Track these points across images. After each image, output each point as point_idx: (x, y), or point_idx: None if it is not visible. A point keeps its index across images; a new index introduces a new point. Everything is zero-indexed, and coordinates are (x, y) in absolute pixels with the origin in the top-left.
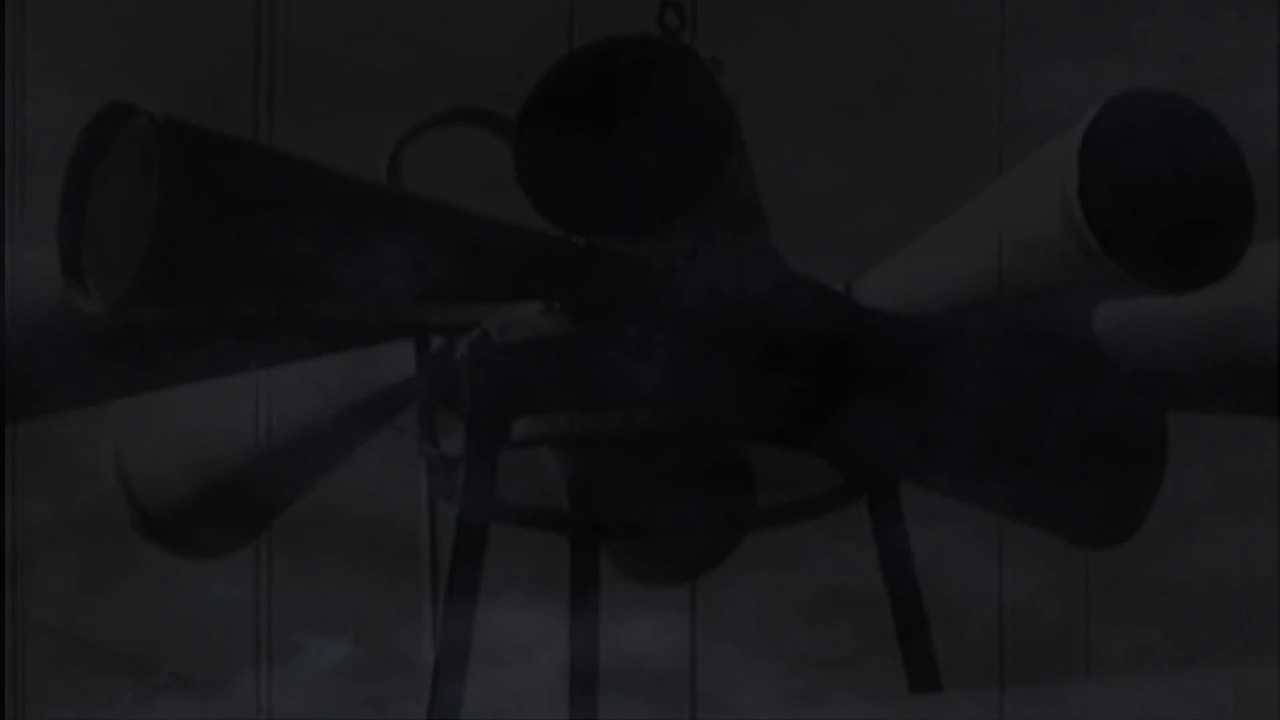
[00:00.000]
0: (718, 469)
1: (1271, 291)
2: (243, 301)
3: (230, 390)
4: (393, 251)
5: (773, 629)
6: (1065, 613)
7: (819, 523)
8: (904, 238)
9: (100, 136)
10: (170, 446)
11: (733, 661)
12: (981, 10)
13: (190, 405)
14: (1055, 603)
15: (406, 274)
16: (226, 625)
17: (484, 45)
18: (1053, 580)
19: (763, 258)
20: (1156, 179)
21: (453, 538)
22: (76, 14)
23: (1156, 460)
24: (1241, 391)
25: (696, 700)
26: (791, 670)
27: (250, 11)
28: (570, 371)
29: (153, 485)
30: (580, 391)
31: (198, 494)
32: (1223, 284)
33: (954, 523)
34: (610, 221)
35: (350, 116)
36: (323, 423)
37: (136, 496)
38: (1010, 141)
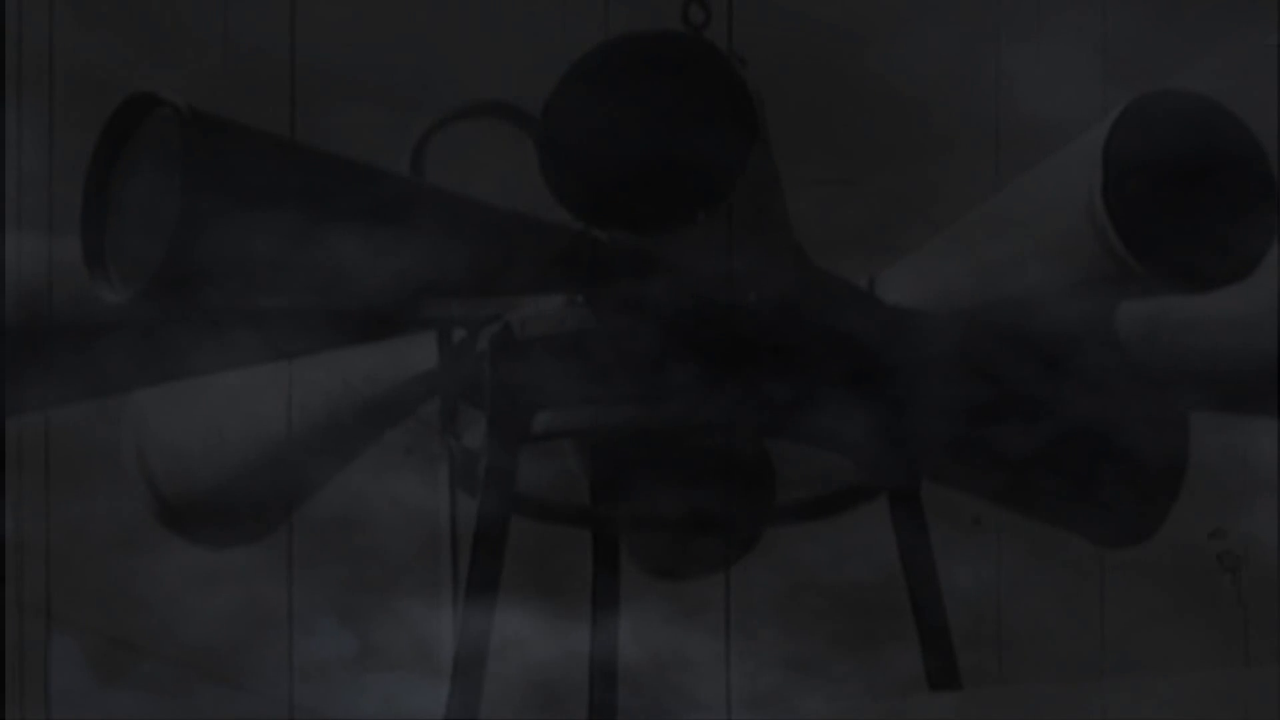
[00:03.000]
0: (738, 464)
1: None
2: (265, 293)
3: (251, 382)
4: (415, 244)
5: (746, 626)
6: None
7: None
8: (926, 235)
9: (124, 126)
10: (192, 437)
11: (709, 658)
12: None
13: (212, 396)
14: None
15: (429, 267)
16: (242, 616)
17: (508, 40)
18: (1021, 580)
19: (785, 253)
20: (1180, 178)
21: (473, 531)
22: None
23: (1178, 459)
24: (1265, 391)
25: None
26: (763, 669)
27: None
28: (593, 366)
29: (174, 476)
30: (603, 386)
31: (218, 485)
32: (1246, 283)
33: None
34: (633, 216)
35: (373, 109)
36: (344, 415)
37: (158, 487)
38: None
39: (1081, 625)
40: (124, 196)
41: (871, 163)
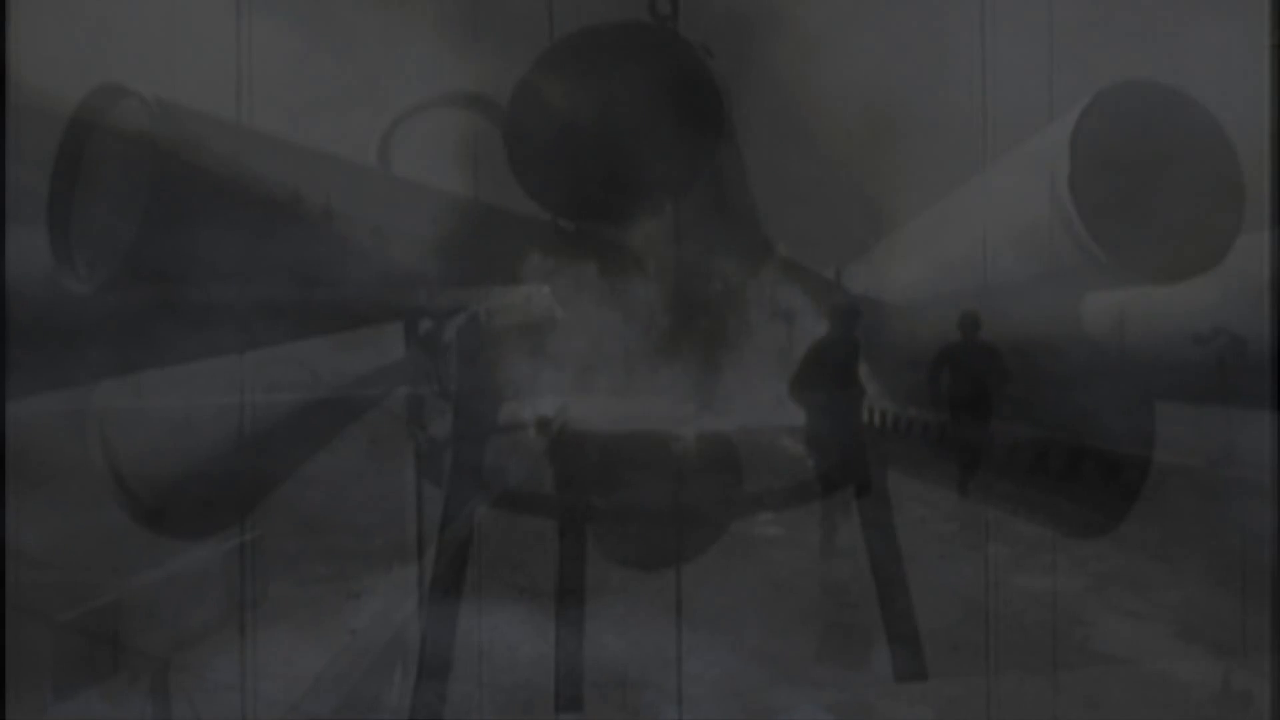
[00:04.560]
0: (704, 456)
1: (1260, 282)
2: (231, 284)
3: (218, 372)
4: (382, 235)
5: (728, 622)
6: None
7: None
8: (894, 226)
9: (91, 118)
10: (158, 429)
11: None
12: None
13: (178, 388)
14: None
15: (395, 257)
16: (212, 607)
17: (476, 29)
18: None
19: (751, 243)
20: (1147, 169)
21: (440, 521)
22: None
23: (1143, 448)
24: (1229, 381)
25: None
26: (745, 665)
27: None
28: (559, 355)
29: (140, 468)
30: (569, 376)
31: (185, 476)
32: (1211, 274)
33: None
34: (600, 206)
35: (339, 101)
36: (311, 405)
37: (124, 480)
38: (996, 134)
39: (1057, 617)
40: (91, 188)
41: (839, 155)
